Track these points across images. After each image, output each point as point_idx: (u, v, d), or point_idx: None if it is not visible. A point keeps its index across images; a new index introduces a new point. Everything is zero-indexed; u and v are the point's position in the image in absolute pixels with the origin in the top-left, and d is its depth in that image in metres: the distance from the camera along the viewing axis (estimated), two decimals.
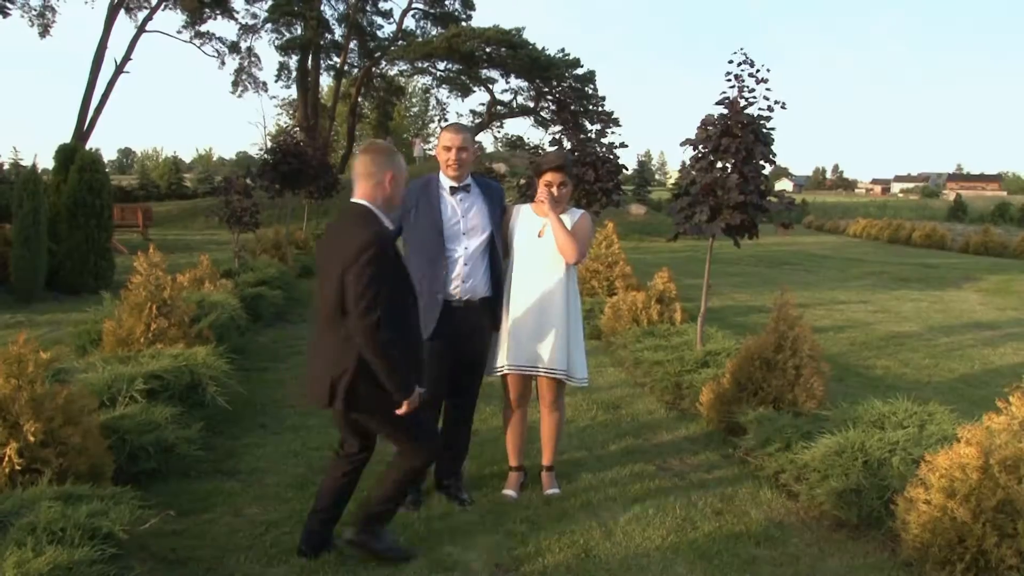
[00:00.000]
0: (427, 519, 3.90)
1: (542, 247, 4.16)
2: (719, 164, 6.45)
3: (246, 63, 37.88)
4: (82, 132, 29.21)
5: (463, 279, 4.04)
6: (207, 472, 4.49)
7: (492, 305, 4.16)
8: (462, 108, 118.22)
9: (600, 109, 35.35)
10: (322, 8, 36.09)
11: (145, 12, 32.32)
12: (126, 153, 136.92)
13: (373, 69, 39.89)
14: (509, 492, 4.29)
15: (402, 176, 3.38)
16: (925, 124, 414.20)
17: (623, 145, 11.57)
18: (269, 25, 36.60)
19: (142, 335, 5.72)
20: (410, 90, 50.75)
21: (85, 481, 3.40)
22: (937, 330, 10.14)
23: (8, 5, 27.58)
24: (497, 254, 4.19)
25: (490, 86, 39.12)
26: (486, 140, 43.59)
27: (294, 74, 37.89)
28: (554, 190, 4.15)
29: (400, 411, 3.23)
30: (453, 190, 4.07)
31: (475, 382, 4.30)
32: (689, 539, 3.79)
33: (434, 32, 38.13)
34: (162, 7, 32.69)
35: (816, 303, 12.26)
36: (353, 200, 3.33)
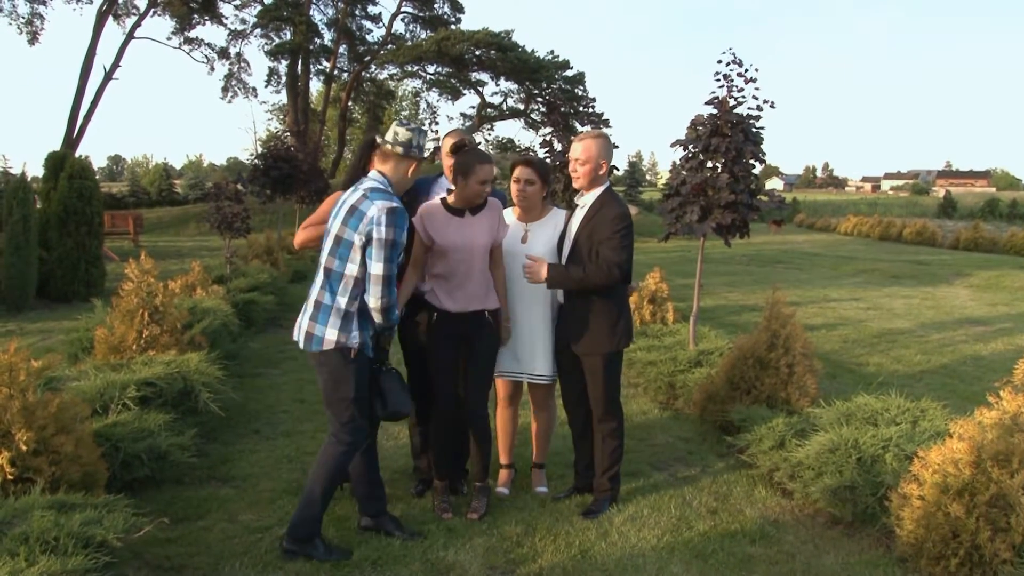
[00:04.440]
0: (422, 521, 3.90)
1: (526, 252, 4.10)
2: (709, 164, 6.47)
3: (235, 68, 37.91)
4: (71, 139, 29.10)
5: None
6: (201, 479, 4.47)
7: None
8: (452, 111, 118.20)
9: (590, 110, 35.38)
10: (311, 13, 36.09)
11: (134, 19, 32.29)
12: (116, 160, 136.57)
13: (363, 73, 39.88)
14: (501, 489, 4.32)
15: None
16: (914, 122, 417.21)
17: (614, 146, 11.58)
18: (258, 30, 36.58)
19: (134, 342, 5.70)
20: (400, 94, 50.56)
21: (78, 490, 3.39)
22: (929, 326, 10.19)
23: None
24: None
25: (480, 89, 39.10)
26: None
27: (284, 79, 37.81)
28: (522, 186, 4.10)
29: None
30: None
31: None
32: (684, 538, 3.80)
33: (423, 35, 38.11)
34: (150, 13, 32.65)
35: (808, 301, 12.30)
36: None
